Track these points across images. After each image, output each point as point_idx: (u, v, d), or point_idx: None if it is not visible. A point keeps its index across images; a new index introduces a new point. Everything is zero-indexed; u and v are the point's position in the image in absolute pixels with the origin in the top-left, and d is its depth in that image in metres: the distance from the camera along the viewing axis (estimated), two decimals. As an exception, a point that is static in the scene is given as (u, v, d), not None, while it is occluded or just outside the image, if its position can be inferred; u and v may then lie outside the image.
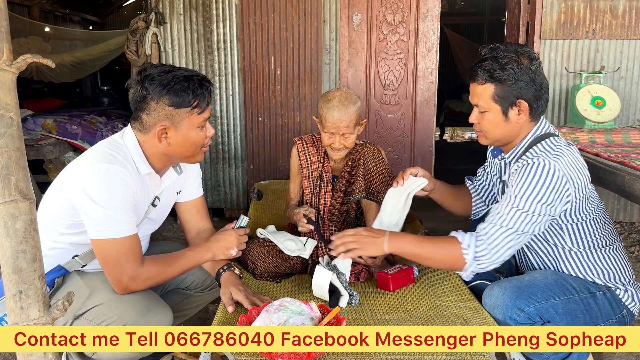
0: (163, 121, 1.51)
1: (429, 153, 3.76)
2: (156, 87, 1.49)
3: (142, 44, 3.46)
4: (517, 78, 1.53)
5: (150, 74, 1.51)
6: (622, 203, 3.56)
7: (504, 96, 1.55)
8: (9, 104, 0.99)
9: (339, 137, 1.89)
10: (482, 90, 1.58)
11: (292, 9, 3.50)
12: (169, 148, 1.55)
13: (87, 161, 1.49)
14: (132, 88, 1.54)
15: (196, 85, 1.52)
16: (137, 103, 1.53)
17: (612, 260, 1.64)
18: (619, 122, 3.42)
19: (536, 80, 1.54)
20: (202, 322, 2.25)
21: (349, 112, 1.85)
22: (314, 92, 3.60)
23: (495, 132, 1.62)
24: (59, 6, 6.42)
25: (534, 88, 1.54)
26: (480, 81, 1.58)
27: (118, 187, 1.44)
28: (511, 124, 1.59)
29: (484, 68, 1.56)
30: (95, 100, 6.21)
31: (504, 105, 1.57)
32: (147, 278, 1.52)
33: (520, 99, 1.55)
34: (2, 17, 0.97)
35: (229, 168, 3.71)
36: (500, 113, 1.58)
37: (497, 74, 1.54)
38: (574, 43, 3.42)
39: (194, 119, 1.54)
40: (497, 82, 1.55)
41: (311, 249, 1.91)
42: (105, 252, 1.45)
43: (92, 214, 1.43)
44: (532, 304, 1.49)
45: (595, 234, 1.63)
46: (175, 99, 1.49)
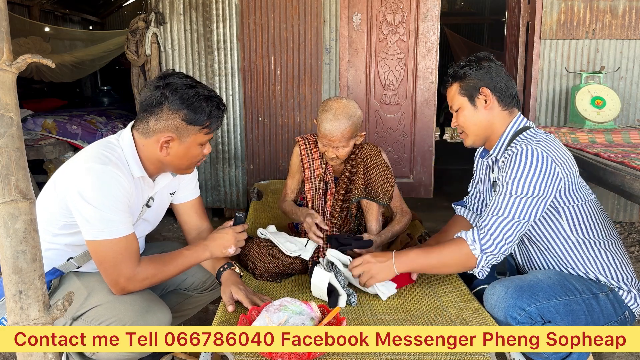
0: (171, 132, 1.51)
1: (429, 153, 3.76)
2: (177, 99, 1.48)
3: (142, 44, 3.45)
4: (477, 73, 1.69)
5: (173, 83, 1.50)
6: (622, 203, 3.56)
7: (467, 88, 1.70)
8: (9, 104, 0.99)
9: (332, 148, 1.89)
10: (451, 91, 1.76)
11: (292, 9, 3.50)
12: (167, 157, 1.54)
13: (80, 162, 1.48)
14: (147, 89, 1.52)
15: (214, 108, 1.53)
16: (150, 107, 1.51)
17: (613, 257, 1.64)
18: (619, 122, 3.42)
19: (495, 74, 1.68)
20: (202, 322, 2.25)
21: (341, 127, 1.84)
22: (314, 92, 3.60)
23: (471, 124, 1.72)
24: (59, 6, 6.43)
25: (494, 79, 1.68)
26: (448, 85, 1.77)
27: (112, 187, 1.43)
28: (482, 113, 1.70)
29: (449, 74, 1.77)
30: (95, 100, 6.22)
31: (470, 97, 1.70)
32: (144, 278, 1.51)
33: (483, 87, 1.68)
34: (2, 17, 0.97)
35: (229, 168, 3.71)
36: (468, 104, 1.71)
37: (458, 72, 1.72)
38: (574, 43, 3.42)
39: (200, 137, 1.54)
40: (459, 79, 1.72)
41: (312, 251, 1.91)
42: (101, 254, 1.45)
43: (86, 215, 1.42)
44: (534, 304, 1.49)
45: (593, 220, 1.65)
46: (191, 116, 1.49)
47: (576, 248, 1.64)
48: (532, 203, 1.53)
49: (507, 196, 1.54)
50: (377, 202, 1.95)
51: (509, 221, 1.53)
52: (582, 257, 1.64)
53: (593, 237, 1.64)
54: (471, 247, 1.55)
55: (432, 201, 3.89)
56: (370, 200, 1.96)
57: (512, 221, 1.53)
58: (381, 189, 1.93)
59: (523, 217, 1.53)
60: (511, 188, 1.54)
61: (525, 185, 1.52)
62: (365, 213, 2.02)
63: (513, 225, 1.54)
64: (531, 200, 1.52)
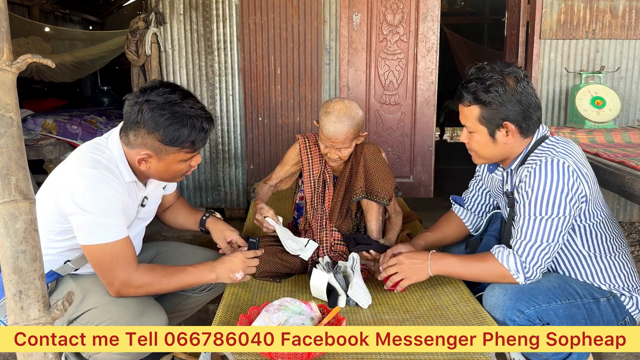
0: (148, 150, 1.46)
1: (429, 153, 3.76)
2: (152, 120, 1.41)
3: (142, 44, 3.45)
4: (502, 100, 1.50)
5: (151, 100, 1.42)
6: (622, 203, 3.56)
7: (490, 118, 1.54)
8: (9, 104, 0.99)
9: (335, 150, 1.89)
10: (469, 111, 1.57)
11: (292, 9, 3.50)
12: (148, 171, 1.52)
13: (72, 166, 1.46)
14: (128, 103, 1.47)
15: (195, 130, 1.44)
16: (129, 122, 1.46)
17: (619, 266, 1.62)
18: (619, 122, 3.41)
19: (523, 101, 1.51)
20: (202, 322, 2.25)
21: (345, 129, 1.84)
22: (314, 92, 3.60)
23: (485, 152, 1.62)
24: (59, 6, 6.42)
25: (520, 109, 1.51)
26: (465, 103, 1.57)
27: (105, 191, 1.42)
28: (499, 145, 1.58)
29: (469, 90, 1.54)
30: (95, 100, 6.22)
31: (490, 127, 1.55)
32: (140, 285, 1.48)
33: (507, 121, 1.53)
34: (2, 17, 0.97)
35: (229, 168, 3.71)
36: (487, 135, 1.57)
37: (482, 97, 1.52)
38: (574, 43, 3.42)
39: (180, 155, 1.49)
40: (482, 104, 1.53)
41: (311, 251, 1.91)
42: (96, 258, 1.44)
43: (80, 220, 1.41)
44: (533, 307, 1.48)
45: (605, 237, 1.62)
46: (167, 139, 1.43)
47: (585, 260, 1.62)
48: (562, 222, 1.49)
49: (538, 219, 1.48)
50: (378, 202, 1.95)
51: (546, 246, 1.50)
52: (590, 268, 1.62)
53: (603, 250, 1.62)
54: (514, 276, 1.52)
55: (432, 201, 3.89)
56: (371, 200, 1.96)
57: (549, 245, 1.50)
58: (381, 189, 1.93)
59: (556, 239, 1.50)
60: (540, 209, 1.48)
61: (554, 205, 1.46)
62: (365, 213, 2.02)
63: (550, 249, 1.51)
64: (561, 219, 1.48)
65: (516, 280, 1.52)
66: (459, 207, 1.97)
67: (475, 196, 1.94)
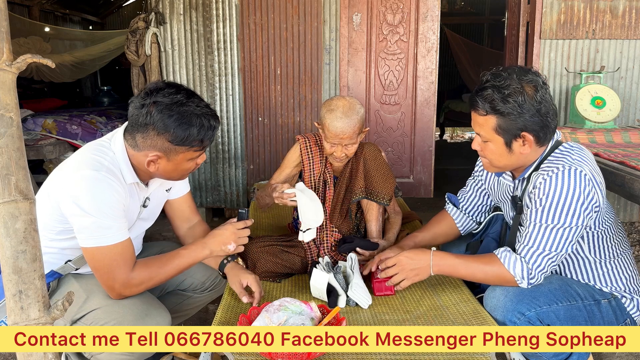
0: (157, 151, 1.46)
1: (429, 153, 3.76)
2: (162, 121, 1.42)
3: (142, 44, 3.45)
4: (521, 111, 1.43)
5: (159, 102, 1.42)
6: (622, 203, 3.56)
7: (507, 129, 1.47)
8: (9, 104, 0.99)
9: (342, 147, 1.88)
10: (484, 121, 1.50)
11: (292, 9, 3.50)
12: (157, 172, 1.52)
13: (73, 168, 1.45)
14: (133, 105, 1.46)
15: (203, 128, 1.45)
16: (136, 125, 1.45)
17: (622, 269, 1.62)
18: (619, 122, 3.41)
19: (542, 110, 1.44)
20: (202, 322, 2.25)
21: (352, 123, 1.83)
22: (314, 92, 3.60)
23: (499, 162, 1.56)
24: (59, 6, 6.42)
25: (539, 119, 1.45)
26: (481, 112, 1.49)
27: (106, 194, 1.41)
28: (515, 155, 1.52)
29: (486, 98, 1.47)
30: (95, 100, 6.22)
31: (507, 137, 1.48)
32: (140, 282, 1.48)
33: (525, 132, 1.46)
34: (2, 17, 0.97)
35: (229, 168, 3.71)
36: (503, 145, 1.50)
37: (500, 107, 1.44)
38: (574, 43, 3.42)
39: (189, 154, 1.49)
40: (499, 114, 1.45)
41: (310, 238, 1.86)
42: (96, 260, 1.43)
43: (81, 222, 1.40)
44: (534, 308, 1.47)
45: (611, 243, 1.61)
46: (178, 138, 1.43)
47: (590, 265, 1.62)
48: (573, 232, 1.47)
49: (550, 227, 1.46)
50: (378, 202, 1.95)
51: (554, 255, 1.48)
52: (594, 272, 1.62)
53: (608, 255, 1.61)
54: (518, 282, 1.50)
55: (432, 201, 3.89)
56: (371, 200, 1.96)
57: (557, 255, 1.48)
58: (382, 189, 1.93)
59: (565, 249, 1.48)
60: (552, 217, 1.45)
61: (569, 214, 1.44)
62: (365, 213, 2.02)
63: (557, 257, 1.49)
64: (572, 229, 1.46)
65: (519, 285, 1.51)
66: (453, 207, 1.95)
67: (472, 195, 1.91)
